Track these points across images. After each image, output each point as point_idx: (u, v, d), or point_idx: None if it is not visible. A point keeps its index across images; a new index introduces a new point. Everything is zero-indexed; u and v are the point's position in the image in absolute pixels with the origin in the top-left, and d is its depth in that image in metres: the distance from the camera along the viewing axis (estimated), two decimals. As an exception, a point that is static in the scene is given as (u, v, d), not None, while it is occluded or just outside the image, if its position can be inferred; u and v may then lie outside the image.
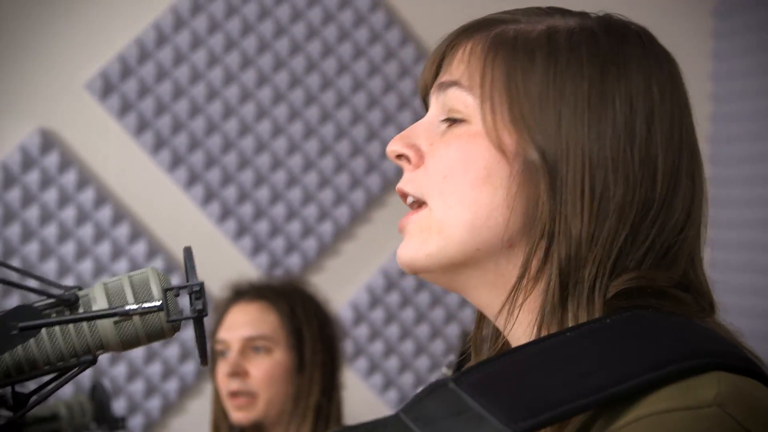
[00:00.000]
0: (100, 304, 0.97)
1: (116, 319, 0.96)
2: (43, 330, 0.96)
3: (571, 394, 0.80)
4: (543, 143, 0.91)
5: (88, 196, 2.93)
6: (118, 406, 2.91)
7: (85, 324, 0.97)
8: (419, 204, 0.98)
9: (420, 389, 0.86)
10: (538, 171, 0.91)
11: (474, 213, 0.94)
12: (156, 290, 0.97)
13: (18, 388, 1.01)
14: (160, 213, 3.01)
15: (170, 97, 2.99)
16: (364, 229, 3.17)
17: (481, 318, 1.04)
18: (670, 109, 0.93)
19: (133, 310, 0.94)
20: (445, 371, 2.15)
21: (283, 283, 2.53)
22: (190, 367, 3.03)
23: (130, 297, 0.97)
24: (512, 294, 0.93)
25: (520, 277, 0.93)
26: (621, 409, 0.80)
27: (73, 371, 0.98)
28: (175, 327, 0.98)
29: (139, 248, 2.96)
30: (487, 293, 0.97)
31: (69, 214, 2.92)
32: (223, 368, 2.40)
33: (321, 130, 3.11)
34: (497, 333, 1.02)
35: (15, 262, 2.88)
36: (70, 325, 0.96)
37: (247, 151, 3.06)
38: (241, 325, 2.42)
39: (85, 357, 0.98)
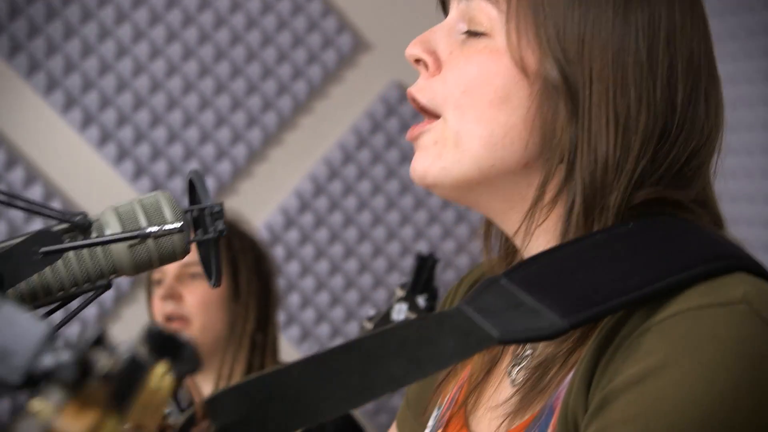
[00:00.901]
0: (113, 228, 0.98)
1: (131, 242, 0.97)
2: (58, 256, 0.97)
3: (615, 290, 0.85)
4: (565, 66, 0.92)
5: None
6: (55, 316, 2.86)
7: (99, 248, 0.97)
8: (431, 114, 0.99)
9: (477, 286, 0.91)
10: (559, 93, 0.93)
11: (491, 130, 0.95)
12: (169, 213, 0.98)
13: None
14: (56, 156, 2.95)
15: (61, 37, 2.92)
16: (261, 167, 3.18)
17: (487, 230, 1.08)
18: (690, 35, 0.95)
19: (154, 231, 0.95)
20: (399, 292, 2.20)
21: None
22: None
23: (143, 220, 0.98)
24: (528, 216, 0.96)
25: (537, 199, 0.96)
26: (654, 306, 0.85)
27: (89, 296, 0.99)
28: (186, 249, 0.99)
29: (35, 192, 2.90)
30: (501, 210, 0.99)
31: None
32: (158, 293, 2.42)
33: (215, 69, 3.09)
34: (504, 237, 1.06)
35: None
36: (85, 250, 0.97)
37: (143, 90, 3.02)
38: None
39: (100, 282, 0.98)
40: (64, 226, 0.97)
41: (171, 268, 2.39)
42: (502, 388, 1.06)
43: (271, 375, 0.85)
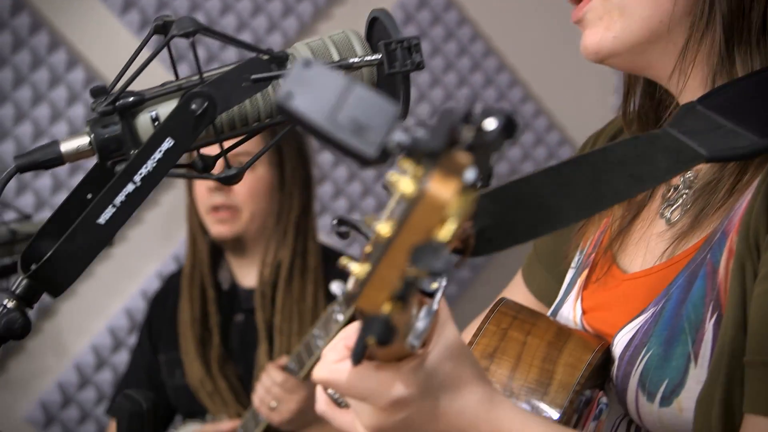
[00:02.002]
0: (307, 61, 1.01)
1: (326, 75, 1.00)
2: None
3: None
4: None
5: (23, 21, 2.84)
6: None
7: (293, 81, 1.00)
8: None
9: (676, 112, 0.98)
10: None
11: None
12: (359, 47, 1.01)
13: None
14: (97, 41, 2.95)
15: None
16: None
17: (629, 88, 1.15)
18: None
19: (356, 62, 0.99)
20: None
21: None
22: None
23: (334, 54, 1.01)
24: (682, 54, 1.04)
25: (689, 38, 1.04)
26: None
27: (285, 130, 1.03)
28: (373, 82, 1.02)
29: (77, 75, 2.90)
30: (667, 63, 1.06)
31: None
32: (204, 183, 2.43)
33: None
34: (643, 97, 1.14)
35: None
36: (280, 81, 1.00)
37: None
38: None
39: (295, 113, 1.02)
40: (264, 58, 1.00)
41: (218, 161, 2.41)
42: (655, 228, 1.12)
43: (515, 184, 0.92)
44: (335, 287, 0.89)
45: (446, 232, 0.66)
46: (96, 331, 3.02)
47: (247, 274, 2.52)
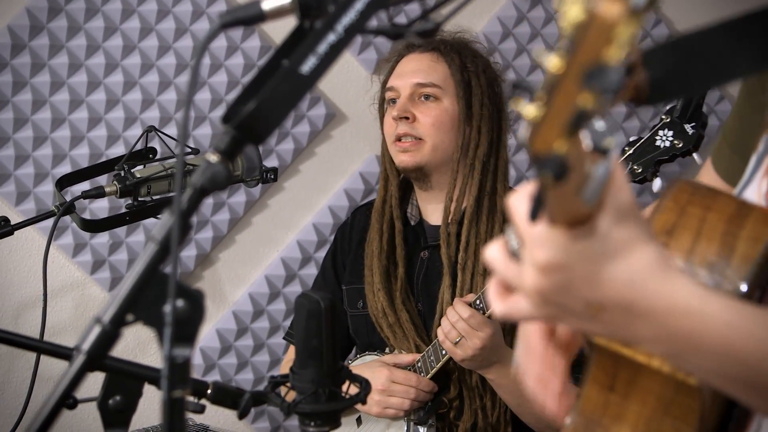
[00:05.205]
0: None
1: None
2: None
3: None
4: None
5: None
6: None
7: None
8: None
9: None
10: None
11: None
12: None
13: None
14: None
15: None
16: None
17: None
18: None
19: None
20: (664, 118, 2.19)
21: (455, 37, 2.52)
22: (320, 110, 3.07)
23: None
24: None
25: None
26: None
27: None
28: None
29: None
30: None
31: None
32: (391, 113, 2.45)
33: None
34: None
35: None
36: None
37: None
38: (411, 72, 2.46)
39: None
40: None
41: (405, 89, 2.44)
42: None
43: (688, 37, 0.90)
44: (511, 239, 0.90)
45: (616, 52, 0.66)
46: (253, 279, 3.09)
47: (434, 211, 2.51)
